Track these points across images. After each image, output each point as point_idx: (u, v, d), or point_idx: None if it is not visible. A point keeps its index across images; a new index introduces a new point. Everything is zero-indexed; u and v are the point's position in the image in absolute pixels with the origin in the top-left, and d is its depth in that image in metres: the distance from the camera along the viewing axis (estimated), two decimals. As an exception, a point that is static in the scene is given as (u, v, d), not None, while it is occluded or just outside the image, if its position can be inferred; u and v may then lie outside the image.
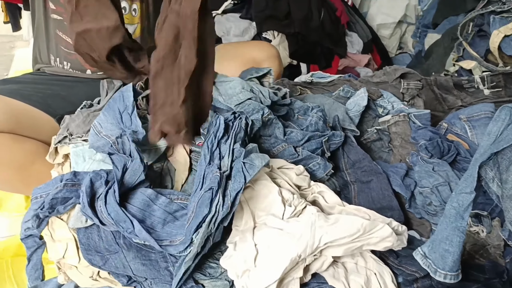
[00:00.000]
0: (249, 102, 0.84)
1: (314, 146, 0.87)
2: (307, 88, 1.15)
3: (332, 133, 0.90)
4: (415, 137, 0.94)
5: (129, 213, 0.68)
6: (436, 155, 0.90)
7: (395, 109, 1.05)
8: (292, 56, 1.81)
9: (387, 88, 1.11)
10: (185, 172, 0.84)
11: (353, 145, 0.93)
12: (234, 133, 0.76)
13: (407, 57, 2.23)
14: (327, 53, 1.91)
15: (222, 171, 0.69)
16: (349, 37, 2.03)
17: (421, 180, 0.87)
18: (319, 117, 0.92)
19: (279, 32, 1.80)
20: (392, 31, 2.26)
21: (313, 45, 1.86)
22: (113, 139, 0.81)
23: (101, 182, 0.72)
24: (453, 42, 1.66)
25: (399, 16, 2.22)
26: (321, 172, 0.86)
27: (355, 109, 1.02)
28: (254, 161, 0.69)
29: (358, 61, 2.00)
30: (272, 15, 1.78)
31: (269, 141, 0.86)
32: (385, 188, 0.87)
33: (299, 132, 0.86)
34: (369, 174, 0.89)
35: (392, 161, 0.99)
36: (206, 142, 0.74)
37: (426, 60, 1.84)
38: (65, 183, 0.75)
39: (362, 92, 1.03)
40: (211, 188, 0.66)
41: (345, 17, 2.00)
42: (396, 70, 1.12)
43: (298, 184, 0.77)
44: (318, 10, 1.85)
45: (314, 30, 1.83)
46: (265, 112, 0.83)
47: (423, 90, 1.17)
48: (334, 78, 1.17)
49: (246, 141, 0.79)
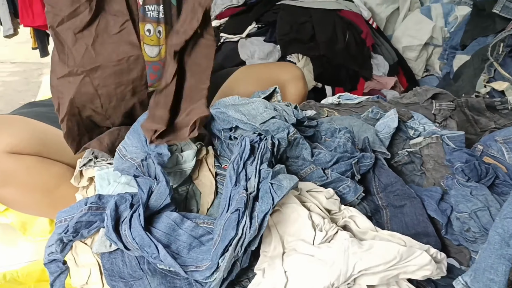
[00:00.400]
0: (274, 120, 0.82)
1: (344, 168, 0.84)
2: (334, 110, 1.13)
3: (362, 155, 0.87)
4: (450, 159, 0.90)
5: (154, 237, 0.66)
6: (474, 179, 0.86)
7: (427, 131, 1.02)
8: (317, 79, 1.79)
9: (417, 110, 1.08)
10: (210, 196, 0.82)
11: (384, 168, 0.90)
12: (260, 154, 0.74)
13: (434, 79, 2.19)
14: (352, 75, 1.89)
15: (248, 192, 0.67)
16: (375, 60, 2.01)
17: (458, 204, 0.83)
18: (348, 138, 0.89)
19: (304, 55, 1.79)
20: (418, 53, 2.23)
21: (338, 68, 1.84)
22: (138, 162, 0.79)
23: (126, 206, 0.70)
24: (483, 63, 1.62)
25: (425, 38, 2.19)
26: (351, 195, 0.82)
27: (385, 131, 0.99)
28: (282, 182, 0.66)
29: (384, 84, 1.97)
30: (297, 38, 1.78)
31: (297, 163, 0.84)
32: (419, 213, 0.83)
33: (328, 153, 0.83)
34: (402, 198, 0.85)
35: (425, 185, 0.95)
36: (232, 163, 0.72)
37: (455, 82, 1.80)
38: (89, 206, 0.73)
39: (392, 113, 1.00)
40: (238, 210, 0.64)
41: (370, 39, 1.98)
42: (427, 90, 1.09)
43: (328, 208, 0.74)
44: (343, 33, 1.84)
45: (339, 52, 1.81)
46: (290, 130, 0.81)
47: (454, 111, 1.13)
48: (362, 100, 1.14)
49: (273, 162, 0.77)
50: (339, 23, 1.86)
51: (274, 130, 0.80)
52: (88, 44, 0.81)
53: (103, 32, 0.81)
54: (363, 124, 0.99)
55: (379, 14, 2.30)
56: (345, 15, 1.94)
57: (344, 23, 1.88)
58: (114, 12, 0.80)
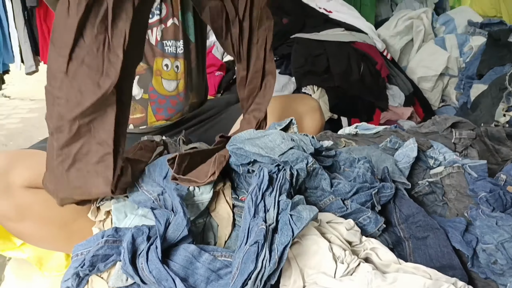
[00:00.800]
0: (292, 151, 0.81)
1: (364, 199, 0.82)
2: (352, 140, 1.12)
3: (382, 185, 0.85)
4: (473, 189, 0.87)
5: (171, 270, 0.64)
6: (499, 208, 0.83)
7: (447, 160, 1.00)
8: (332, 110, 1.79)
9: (437, 139, 1.06)
10: (228, 228, 0.80)
11: (405, 198, 0.88)
12: (279, 184, 0.72)
13: (451, 109, 2.18)
14: (368, 106, 1.89)
15: (267, 224, 0.65)
16: (390, 90, 2.01)
17: (483, 236, 0.80)
18: (367, 168, 0.87)
19: (319, 87, 1.79)
20: (434, 83, 2.22)
21: (354, 99, 1.84)
22: (155, 196, 0.79)
23: (143, 238, 0.69)
24: (501, 92, 1.61)
25: (440, 69, 2.19)
26: (372, 226, 0.80)
27: (405, 161, 0.97)
28: (302, 213, 0.65)
29: (400, 114, 1.96)
30: (311, 70, 1.79)
31: (316, 194, 0.82)
32: (443, 244, 0.80)
33: (347, 183, 0.82)
34: (424, 229, 0.83)
35: (448, 216, 0.92)
36: (250, 194, 0.71)
37: (473, 111, 1.79)
38: (106, 239, 0.72)
39: (411, 142, 0.98)
40: (257, 242, 0.62)
41: (385, 70, 1.99)
42: (446, 119, 1.08)
43: (349, 240, 0.72)
44: (358, 64, 1.85)
45: (354, 83, 1.82)
46: (309, 161, 0.80)
47: (475, 141, 1.12)
48: (379, 130, 1.13)
49: (292, 193, 0.76)
50: (354, 55, 1.87)
51: (293, 161, 0.79)
52: (65, 168, 0.76)
53: (82, 159, 0.75)
54: (381, 154, 0.98)
55: (393, 45, 2.32)
56: (359, 47, 1.96)
57: (358, 55, 1.90)
58: (98, 141, 0.75)
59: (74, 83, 0.71)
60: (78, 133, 0.74)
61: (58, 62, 0.71)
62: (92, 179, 0.76)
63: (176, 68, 1.22)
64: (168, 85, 1.22)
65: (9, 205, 0.89)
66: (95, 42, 0.71)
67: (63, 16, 0.69)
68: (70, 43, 0.70)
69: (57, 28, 0.70)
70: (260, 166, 0.79)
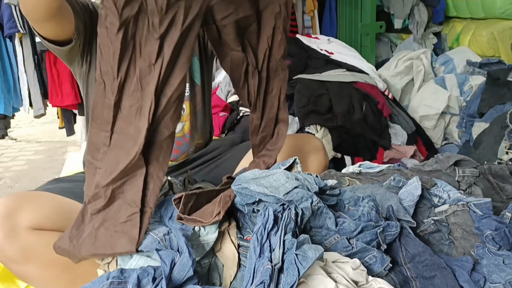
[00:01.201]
0: (297, 190, 0.81)
1: (369, 238, 0.82)
2: (356, 179, 1.12)
3: (387, 224, 0.85)
4: (479, 227, 0.87)
5: (176, 312, 0.64)
6: (505, 247, 0.83)
7: (452, 198, 1.00)
8: (336, 149, 1.81)
9: (440, 177, 1.07)
10: (233, 268, 0.80)
11: (410, 237, 0.87)
12: (284, 224, 0.73)
13: (453, 147, 2.19)
14: (371, 145, 1.90)
15: (273, 263, 0.65)
16: (393, 129, 2.03)
17: (491, 275, 0.79)
18: (371, 207, 0.88)
19: (322, 126, 1.81)
20: (436, 122, 2.24)
21: (357, 138, 1.86)
22: (161, 236, 0.79)
23: (148, 279, 0.69)
24: (503, 130, 1.62)
25: (441, 108, 2.22)
26: (378, 266, 0.80)
27: (409, 199, 0.97)
28: (307, 252, 0.65)
29: (403, 153, 1.97)
30: (314, 110, 1.82)
31: (321, 233, 0.82)
32: (451, 284, 0.79)
33: (352, 222, 0.82)
34: (431, 268, 0.82)
35: (455, 255, 0.91)
36: (256, 234, 0.72)
37: (475, 149, 1.79)
38: (111, 281, 0.72)
39: (415, 181, 0.99)
40: (263, 282, 0.62)
41: (387, 109, 2.01)
42: (449, 157, 1.08)
43: (355, 280, 0.71)
44: (360, 104, 1.88)
45: (356, 123, 1.84)
46: (314, 199, 0.80)
47: (478, 179, 1.12)
48: (383, 168, 1.14)
49: (297, 232, 0.76)
50: (356, 95, 1.91)
51: (298, 200, 0.79)
52: (95, 227, 0.81)
53: (111, 218, 0.81)
54: (386, 192, 0.98)
55: (394, 85, 2.35)
56: (361, 87, 1.99)
57: (360, 95, 1.93)
58: (128, 201, 0.81)
59: (112, 153, 0.79)
60: (113, 197, 0.80)
61: (101, 136, 0.79)
62: (119, 239, 0.79)
63: (182, 111, 1.24)
64: None
65: (15, 247, 0.89)
66: (130, 111, 0.79)
67: (101, 95, 0.77)
68: (111, 120, 0.78)
69: (97, 106, 0.78)
70: (265, 206, 0.80)
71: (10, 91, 2.54)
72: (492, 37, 2.62)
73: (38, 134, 3.95)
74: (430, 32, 3.14)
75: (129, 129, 0.79)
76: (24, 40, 2.41)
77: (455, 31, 3.00)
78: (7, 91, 2.52)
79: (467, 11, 2.89)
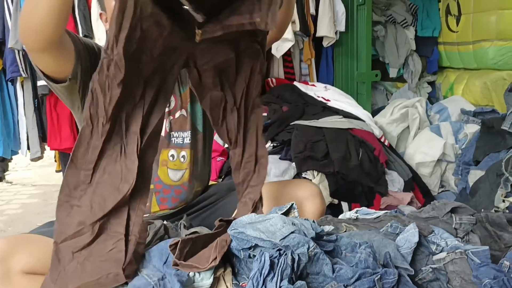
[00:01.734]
0: (293, 235, 0.81)
1: (366, 285, 0.81)
2: (353, 225, 1.11)
3: (385, 271, 0.84)
4: (477, 275, 0.86)
5: None
6: (504, 295, 0.81)
7: (449, 246, 0.99)
8: (333, 195, 1.80)
9: (437, 224, 1.06)
10: (228, 316, 0.78)
11: (408, 285, 0.86)
12: (280, 270, 0.72)
13: (450, 195, 2.19)
14: (368, 192, 1.90)
15: (269, 312, 0.64)
16: (389, 176, 2.03)
17: (491, 324, 0.77)
18: (369, 253, 0.87)
19: (319, 172, 1.82)
20: (432, 169, 2.25)
21: (353, 184, 1.86)
22: (155, 280, 0.78)
23: (141, 326, 0.67)
24: (499, 178, 1.63)
25: (437, 155, 2.23)
26: (376, 315, 0.78)
27: (406, 246, 0.96)
28: (304, 300, 0.64)
29: (400, 199, 1.97)
30: (311, 156, 1.83)
31: (317, 279, 0.81)
32: (451, 334, 0.77)
33: (349, 269, 0.81)
34: (430, 318, 0.80)
35: (454, 304, 0.90)
36: (251, 280, 0.71)
37: (472, 197, 1.80)
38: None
39: (412, 227, 0.98)
40: (259, 331, 0.60)
41: (384, 156, 2.03)
42: (446, 204, 1.08)
43: (353, 329, 0.70)
44: (356, 150, 1.89)
45: (353, 169, 1.85)
46: (310, 245, 0.80)
47: (476, 226, 1.11)
48: (380, 214, 1.13)
49: (294, 278, 0.75)
50: (352, 141, 1.92)
51: (295, 245, 0.79)
52: (79, 262, 0.82)
53: (97, 251, 0.82)
54: (383, 239, 0.97)
55: (390, 132, 2.38)
56: (357, 133, 2.02)
57: (356, 141, 1.95)
58: (113, 233, 0.83)
59: (98, 191, 0.82)
60: (100, 232, 0.82)
61: (80, 175, 0.82)
62: (105, 265, 0.80)
63: (182, 158, 1.24)
64: (174, 175, 1.24)
65: (7, 292, 0.87)
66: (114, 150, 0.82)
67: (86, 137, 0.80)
68: (95, 159, 0.81)
69: (80, 147, 0.81)
70: (261, 251, 0.79)
71: (10, 134, 2.55)
72: (485, 86, 2.67)
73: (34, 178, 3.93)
74: (424, 81, 3.21)
75: (116, 167, 0.82)
76: (26, 84, 2.45)
77: (448, 81, 3.06)
78: (7, 134, 2.54)
79: (460, 62, 2.96)
